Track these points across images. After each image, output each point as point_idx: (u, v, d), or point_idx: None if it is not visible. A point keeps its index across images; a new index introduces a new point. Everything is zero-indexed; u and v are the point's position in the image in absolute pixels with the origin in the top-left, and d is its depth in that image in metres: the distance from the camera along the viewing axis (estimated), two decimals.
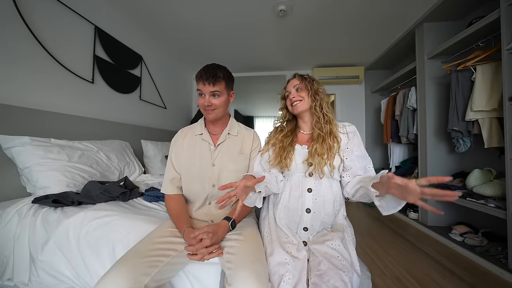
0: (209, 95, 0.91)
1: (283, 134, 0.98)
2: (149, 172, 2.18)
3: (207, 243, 0.73)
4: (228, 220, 0.85)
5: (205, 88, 0.90)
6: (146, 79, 2.68)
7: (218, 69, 0.91)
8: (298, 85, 0.95)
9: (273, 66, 3.57)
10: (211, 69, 0.90)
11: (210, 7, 2.10)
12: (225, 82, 0.93)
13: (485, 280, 1.34)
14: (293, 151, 0.93)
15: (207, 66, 0.92)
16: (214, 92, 0.91)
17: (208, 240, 0.73)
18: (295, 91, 0.95)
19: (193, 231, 0.76)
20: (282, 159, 0.91)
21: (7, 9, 1.32)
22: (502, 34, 1.44)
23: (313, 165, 0.87)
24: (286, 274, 0.70)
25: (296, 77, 0.98)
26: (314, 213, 0.86)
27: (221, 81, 0.91)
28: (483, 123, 1.66)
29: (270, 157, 0.96)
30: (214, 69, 0.91)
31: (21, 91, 1.40)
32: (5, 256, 1.03)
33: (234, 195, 0.69)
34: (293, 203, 0.89)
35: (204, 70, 0.90)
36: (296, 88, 0.95)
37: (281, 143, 0.95)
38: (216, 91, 0.90)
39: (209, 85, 0.89)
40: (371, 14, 2.19)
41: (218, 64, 0.94)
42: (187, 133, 1.04)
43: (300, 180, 0.91)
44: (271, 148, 0.98)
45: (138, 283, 0.62)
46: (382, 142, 3.29)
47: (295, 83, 0.96)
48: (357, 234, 0.96)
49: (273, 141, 0.98)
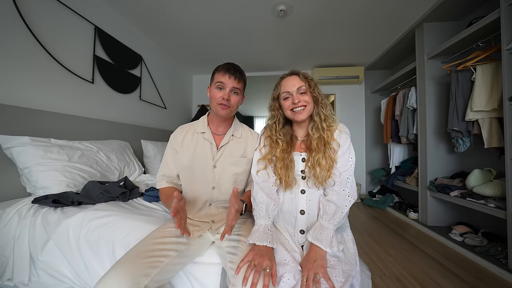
0: (230, 89, 0.89)
1: (281, 148, 0.85)
2: (149, 172, 2.18)
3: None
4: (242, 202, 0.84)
5: (229, 82, 0.88)
6: (146, 79, 2.68)
7: (241, 70, 0.93)
8: (303, 87, 0.82)
9: (273, 66, 3.58)
10: (237, 66, 0.91)
11: (210, 7, 2.10)
12: (244, 83, 0.94)
13: (485, 280, 1.33)
14: (294, 166, 0.85)
15: (231, 63, 0.92)
16: (235, 88, 0.90)
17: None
18: (299, 94, 0.83)
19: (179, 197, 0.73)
20: (287, 178, 0.83)
21: (7, 9, 1.32)
22: (502, 34, 1.44)
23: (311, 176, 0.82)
24: (286, 274, 0.69)
25: (300, 76, 0.84)
26: (308, 214, 0.84)
27: (243, 81, 0.93)
28: (483, 123, 1.66)
29: (270, 176, 0.87)
30: (239, 67, 0.92)
31: (21, 91, 1.40)
32: (5, 256, 1.03)
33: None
34: (287, 205, 0.87)
35: (231, 65, 0.90)
36: (301, 91, 0.83)
37: (282, 161, 0.84)
38: (237, 88, 0.90)
39: (234, 80, 0.88)
40: (371, 14, 2.20)
41: None
42: (188, 130, 1.00)
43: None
44: (268, 164, 0.87)
45: (138, 284, 0.62)
46: (382, 142, 3.29)
47: (298, 84, 0.83)
48: (357, 234, 0.95)
49: (269, 157, 0.87)
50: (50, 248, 0.97)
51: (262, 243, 0.74)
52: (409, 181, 2.54)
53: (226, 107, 0.90)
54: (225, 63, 0.92)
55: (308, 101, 0.83)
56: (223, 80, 0.88)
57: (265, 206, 0.83)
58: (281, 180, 0.84)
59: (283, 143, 0.87)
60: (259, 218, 0.82)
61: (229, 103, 0.89)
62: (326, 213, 0.78)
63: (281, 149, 0.85)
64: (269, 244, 0.74)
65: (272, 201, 0.84)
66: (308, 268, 0.68)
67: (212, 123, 1.00)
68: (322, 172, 0.79)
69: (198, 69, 3.68)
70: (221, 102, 0.89)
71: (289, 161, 0.85)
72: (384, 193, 3.02)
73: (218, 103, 0.89)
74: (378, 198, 3.03)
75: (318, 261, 0.70)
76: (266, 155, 0.88)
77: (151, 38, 2.68)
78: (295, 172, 0.85)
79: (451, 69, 1.89)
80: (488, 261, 1.46)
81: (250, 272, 0.65)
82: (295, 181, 0.85)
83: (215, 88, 0.90)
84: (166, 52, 3.08)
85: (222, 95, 0.88)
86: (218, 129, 0.99)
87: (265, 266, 0.67)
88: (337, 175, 0.81)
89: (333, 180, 0.81)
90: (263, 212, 0.82)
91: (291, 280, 0.68)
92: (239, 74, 0.89)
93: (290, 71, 0.90)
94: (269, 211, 0.82)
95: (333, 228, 0.77)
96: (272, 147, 0.88)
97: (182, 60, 3.36)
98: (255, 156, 0.93)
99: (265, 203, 0.83)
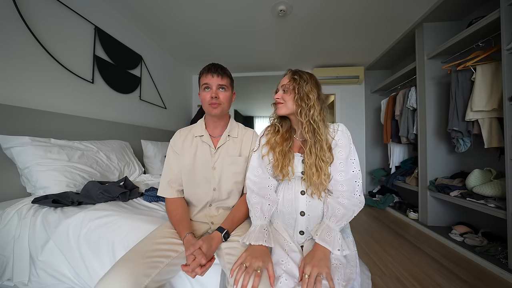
0: (216, 87, 0.91)
1: (280, 135, 0.90)
2: (149, 172, 2.19)
3: (202, 262, 0.70)
4: (221, 232, 0.81)
5: (213, 80, 0.90)
6: (146, 79, 2.68)
7: (223, 67, 0.95)
8: (286, 85, 0.86)
9: (273, 66, 3.58)
10: (217, 64, 0.93)
11: (210, 7, 2.10)
12: (229, 78, 0.96)
13: (485, 280, 1.33)
14: (293, 159, 0.86)
15: (212, 63, 0.94)
16: (221, 85, 0.91)
17: (204, 259, 0.70)
18: (282, 91, 0.87)
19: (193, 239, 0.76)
20: (284, 166, 0.84)
21: (7, 9, 1.32)
22: (502, 34, 1.44)
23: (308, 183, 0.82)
24: (283, 274, 0.69)
25: (288, 74, 0.88)
26: (308, 215, 0.83)
27: (227, 76, 0.94)
28: (483, 123, 1.66)
29: (270, 161, 0.89)
30: (220, 65, 0.94)
31: (21, 91, 1.39)
32: (5, 256, 1.03)
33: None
34: (287, 206, 0.86)
35: (212, 64, 0.92)
36: (284, 88, 0.87)
37: (281, 146, 0.86)
38: (223, 84, 0.92)
39: (218, 77, 0.90)
40: (371, 14, 2.20)
41: None
42: (186, 134, 1.01)
43: (293, 183, 0.87)
44: (271, 150, 0.89)
45: (139, 284, 0.62)
46: (382, 142, 3.29)
47: (284, 82, 0.88)
48: (357, 234, 0.95)
49: (272, 141, 0.89)
50: (50, 248, 0.97)
51: (258, 242, 0.74)
52: (409, 181, 2.54)
53: (217, 105, 0.91)
54: (207, 65, 0.94)
55: (286, 99, 0.85)
56: (207, 81, 0.90)
57: (260, 206, 0.83)
58: (278, 166, 0.84)
59: (282, 130, 0.90)
60: (255, 219, 0.83)
61: (218, 101, 0.91)
62: (335, 215, 0.78)
63: (281, 135, 0.89)
64: (265, 243, 0.74)
65: (267, 201, 0.84)
66: (312, 265, 0.68)
67: (209, 126, 1.01)
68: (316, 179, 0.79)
69: (198, 69, 3.62)
70: (210, 102, 0.91)
71: (287, 149, 0.86)
72: (384, 193, 3.02)
73: (208, 104, 0.92)
74: (378, 198, 3.03)
75: (323, 260, 0.70)
76: (269, 140, 0.90)
77: (151, 38, 2.68)
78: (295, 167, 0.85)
79: (451, 69, 1.89)
80: (488, 261, 1.46)
81: (240, 274, 0.65)
82: (292, 173, 0.85)
83: (203, 90, 0.93)
84: (166, 52, 3.08)
85: (210, 94, 0.90)
86: (214, 131, 1.00)
87: (257, 267, 0.66)
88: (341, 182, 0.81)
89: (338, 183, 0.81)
90: (258, 212, 0.83)
91: (289, 281, 0.67)
92: (221, 71, 0.91)
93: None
94: (265, 211, 0.83)
95: (339, 230, 0.77)
96: (274, 132, 0.91)
97: (182, 60, 3.37)
98: (253, 159, 0.93)
99: (260, 204, 0.84)
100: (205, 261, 0.70)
